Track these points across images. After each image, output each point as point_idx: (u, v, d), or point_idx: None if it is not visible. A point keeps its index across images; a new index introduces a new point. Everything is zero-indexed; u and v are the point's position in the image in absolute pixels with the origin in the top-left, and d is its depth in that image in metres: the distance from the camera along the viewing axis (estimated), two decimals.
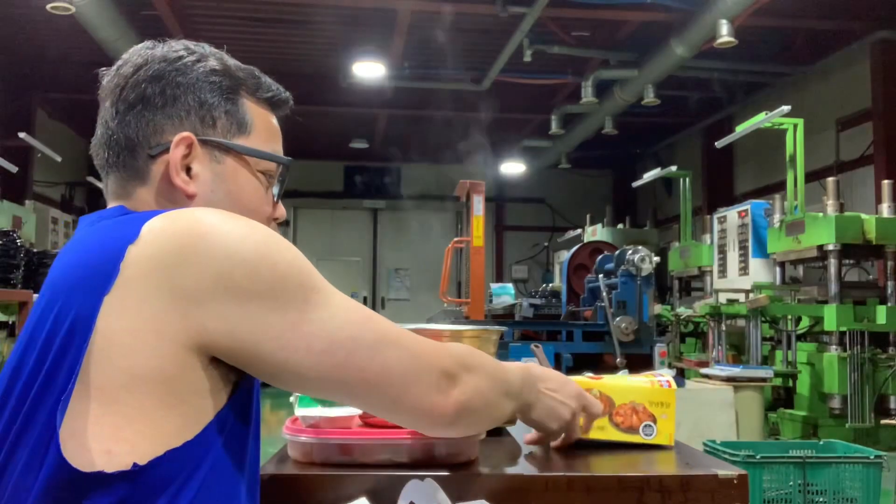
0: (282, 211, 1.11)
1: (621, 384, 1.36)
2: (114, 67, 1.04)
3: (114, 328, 0.85)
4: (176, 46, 1.04)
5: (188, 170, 1.00)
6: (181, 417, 0.87)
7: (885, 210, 7.03)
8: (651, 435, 1.32)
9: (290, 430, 1.20)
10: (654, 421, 1.33)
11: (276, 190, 1.09)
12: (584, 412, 1.23)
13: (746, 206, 8.81)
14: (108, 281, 0.86)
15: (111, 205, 1.03)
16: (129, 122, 1.00)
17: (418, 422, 1.02)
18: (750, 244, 8.58)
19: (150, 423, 0.84)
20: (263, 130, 1.07)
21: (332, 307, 0.94)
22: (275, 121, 1.10)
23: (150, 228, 0.89)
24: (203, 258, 0.87)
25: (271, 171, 1.07)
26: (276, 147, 1.09)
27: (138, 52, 1.03)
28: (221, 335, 0.88)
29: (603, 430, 1.31)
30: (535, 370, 1.18)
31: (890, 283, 6.99)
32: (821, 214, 7.10)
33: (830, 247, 6.90)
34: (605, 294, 5.94)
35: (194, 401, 0.88)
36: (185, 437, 0.86)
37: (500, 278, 15.08)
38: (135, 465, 0.83)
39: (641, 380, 1.38)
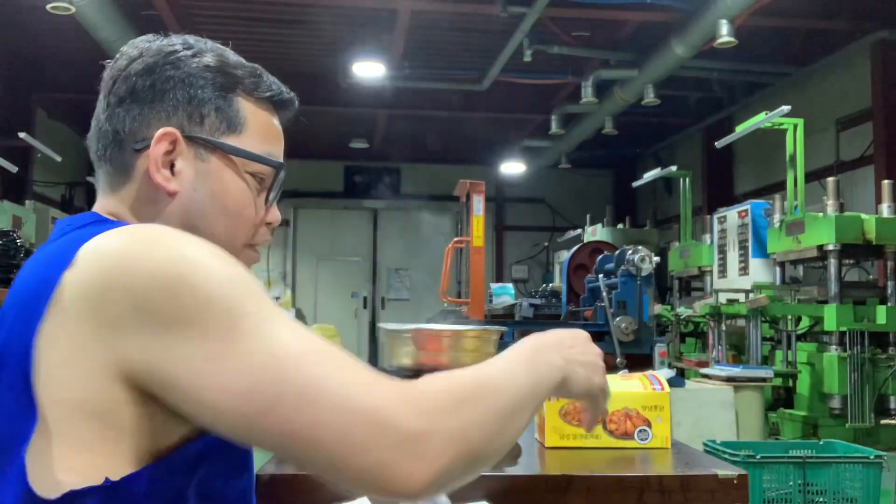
0: (275, 215, 1.06)
1: (613, 391, 1.35)
2: (113, 60, 1.02)
3: (50, 358, 0.82)
4: (174, 40, 1.01)
5: (172, 167, 0.98)
6: (121, 451, 0.82)
7: (885, 210, 7.03)
8: (647, 439, 1.32)
9: None
10: (649, 425, 1.32)
11: (270, 193, 1.05)
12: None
13: (746, 206, 8.80)
14: (42, 309, 0.83)
15: (98, 199, 1.02)
16: (118, 115, 0.98)
17: (383, 492, 0.78)
18: (750, 244, 8.58)
19: (92, 454, 0.81)
20: (258, 131, 1.02)
21: (260, 338, 0.80)
22: (276, 122, 1.06)
23: (85, 253, 0.84)
24: (126, 283, 0.81)
25: (263, 174, 1.03)
26: (273, 149, 1.04)
27: (135, 45, 1.01)
28: (140, 366, 0.80)
29: (598, 438, 1.30)
30: (544, 342, 1.00)
31: (890, 283, 6.99)
32: (821, 214, 7.10)
33: (830, 247, 6.90)
34: (605, 294, 5.94)
35: (134, 435, 0.82)
36: (125, 471, 0.82)
37: (500, 278, 15.08)
38: (71, 492, 0.80)
39: (634, 382, 1.38)
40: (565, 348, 1.01)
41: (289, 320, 0.83)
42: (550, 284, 9.95)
